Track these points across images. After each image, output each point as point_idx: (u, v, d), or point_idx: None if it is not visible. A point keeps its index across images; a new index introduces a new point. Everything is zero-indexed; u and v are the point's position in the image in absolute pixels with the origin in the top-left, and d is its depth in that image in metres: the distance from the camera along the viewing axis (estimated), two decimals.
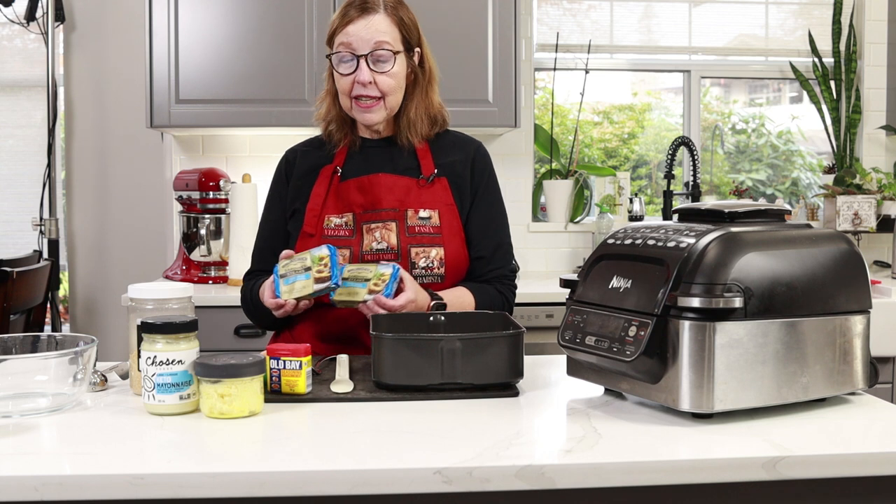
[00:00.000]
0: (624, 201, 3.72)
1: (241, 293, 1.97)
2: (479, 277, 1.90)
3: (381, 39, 1.80)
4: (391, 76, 1.82)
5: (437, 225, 1.85)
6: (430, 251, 1.83)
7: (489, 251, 1.90)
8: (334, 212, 1.87)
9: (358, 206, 1.86)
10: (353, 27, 1.81)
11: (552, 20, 3.80)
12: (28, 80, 3.79)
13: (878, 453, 1.20)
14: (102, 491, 1.08)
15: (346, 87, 1.83)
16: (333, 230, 1.86)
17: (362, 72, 1.80)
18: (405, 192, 1.87)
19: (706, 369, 1.28)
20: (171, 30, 3.16)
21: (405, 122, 1.88)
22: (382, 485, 1.11)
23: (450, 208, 1.88)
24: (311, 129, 3.48)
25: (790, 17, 3.94)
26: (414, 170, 1.90)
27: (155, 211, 3.69)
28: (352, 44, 1.81)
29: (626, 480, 1.14)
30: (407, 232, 1.83)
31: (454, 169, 1.91)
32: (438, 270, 1.83)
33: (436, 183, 1.89)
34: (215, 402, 1.33)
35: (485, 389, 1.47)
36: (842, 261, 1.39)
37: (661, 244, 1.37)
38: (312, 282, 1.66)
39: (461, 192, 1.90)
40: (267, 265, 1.92)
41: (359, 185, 1.87)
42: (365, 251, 1.82)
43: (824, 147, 4.02)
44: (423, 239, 1.83)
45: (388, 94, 1.83)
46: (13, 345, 1.49)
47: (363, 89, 1.81)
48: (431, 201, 1.87)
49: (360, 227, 1.85)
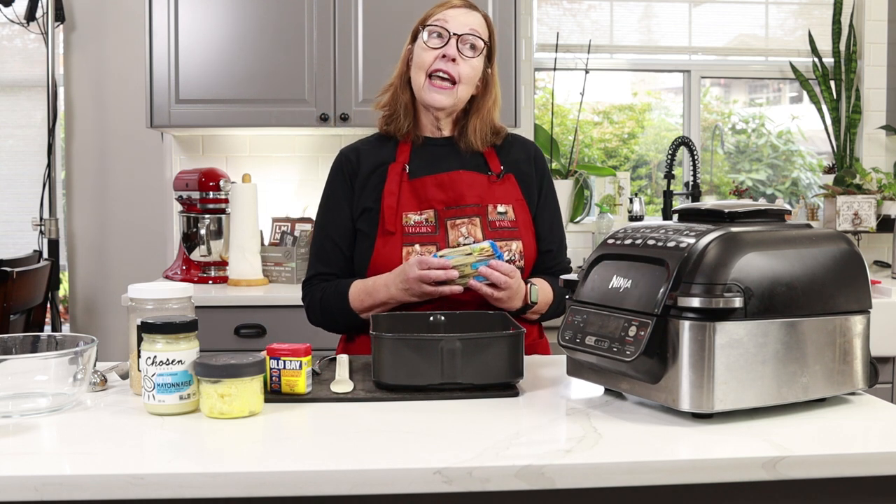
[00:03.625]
0: (624, 201, 3.72)
1: (308, 299, 1.94)
2: (547, 270, 1.96)
3: (476, 28, 1.90)
4: (471, 67, 1.89)
5: (514, 219, 1.91)
6: (511, 244, 1.88)
7: (556, 245, 1.99)
8: (411, 209, 1.88)
9: (439, 202, 1.89)
10: (453, 11, 1.90)
11: (552, 20, 3.80)
12: (28, 80, 3.79)
13: (878, 453, 1.20)
14: (102, 491, 1.08)
15: (429, 60, 1.87)
16: (414, 227, 1.87)
17: (450, 47, 1.87)
18: (483, 188, 1.91)
19: (706, 369, 1.28)
20: (171, 30, 3.16)
21: (470, 128, 1.94)
22: (382, 485, 1.11)
23: (520, 203, 1.94)
24: (311, 129, 3.44)
25: (790, 17, 3.94)
26: (482, 167, 1.95)
27: (155, 211, 3.69)
28: (448, 22, 1.89)
29: (626, 480, 1.14)
30: (490, 227, 1.88)
31: (519, 167, 1.98)
32: (519, 263, 1.88)
33: (505, 179, 1.95)
34: (215, 402, 1.33)
35: (485, 389, 1.47)
36: (842, 261, 1.39)
37: (661, 244, 1.37)
38: (475, 258, 1.73)
39: (528, 188, 1.97)
40: (332, 267, 1.93)
41: (438, 182, 1.90)
42: (453, 247, 1.85)
43: (824, 147, 4.02)
44: (503, 233, 1.88)
45: (462, 81, 1.88)
46: (13, 345, 1.49)
47: (444, 64, 1.86)
48: (505, 196, 1.93)
49: (444, 223, 1.87)
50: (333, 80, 3.19)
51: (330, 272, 1.93)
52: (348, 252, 1.92)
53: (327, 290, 1.90)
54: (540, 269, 1.95)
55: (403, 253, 1.83)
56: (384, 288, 1.80)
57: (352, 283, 1.87)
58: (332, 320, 1.92)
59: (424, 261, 1.73)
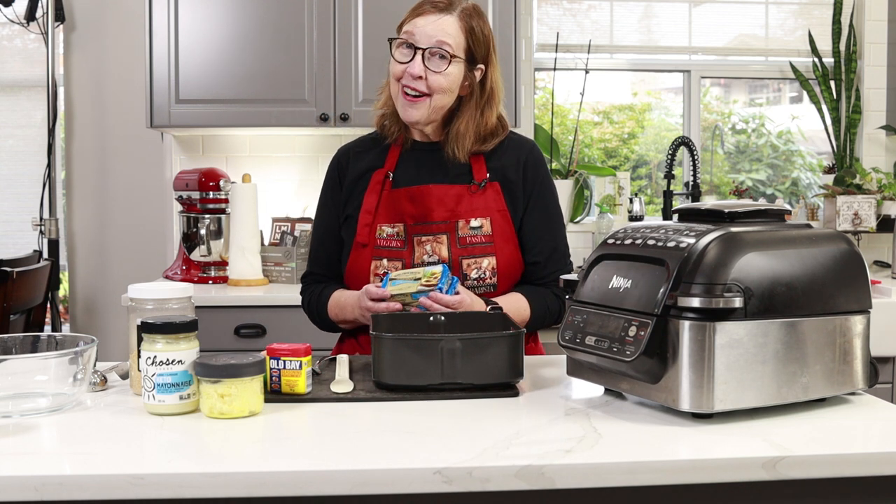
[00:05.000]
0: (624, 201, 3.72)
1: (302, 297, 2.00)
2: (536, 281, 1.90)
3: (443, 40, 1.80)
4: (443, 76, 1.81)
5: (489, 233, 1.85)
6: (482, 261, 1.83)
7: (544, 256, 1.90)
8: (385, 221, 1.88)
9: (409, 216, 1.86)
10: (421, 20, 1.82)
11: (552, 20, 3.80)
12: (28, 80, 3.79)
13: (878, 453, 1.20)
14: (102, 491, 1.08)
15: (398, 73, 1.84)
16: (385, 240, 1.86)
17: (415, 64, 1.80)
18: (456, 201, 1.86)
19: (706, 369, 1.28)
20: (171, 30, 3.16)
21: (453, 134, 1.87)
22: (382, 485, 1.11)
23: (502, 214, 1.87)
24: (311, 129, 3.44)
25: (790, 17, 3.94)
26: (465, 175, 1.89)
27: (155, 211, 3.69)
28: (414, 34, 1.81)
29: (626, 480, 1.14)
30: (458, 243, 1.84)
31: (506, 174, 1.89)
32: (491, 280, 1.83)
33: (487, 189, 1.88)
34: (215, 402, 1.33)
35: (485, 389, 1.47)
36: (842, 261, 1.39)
37: (661, 244, 1.36)
38: (417, 286, 1.72)
39: (514, 196, 1.89)
40: (323, 269, 1.98)
41: (410, 196, 1.86)
42: (416, 264, 1.84)
43: (824, 147, 4.02)
44: (474, 250, 1.84)
45: (435, 92, 1.81)
46: (13, 345, 1.49)
47: (411, 81, 1.81)
48: (483, 208, 1.87)
49: (412, 238, 1.85)
50: (333, 80, 3.19)
51: (320, 273, 1.99)
52: (337, 254, 1.96)
53: (313, 295, 1.96)
54: (528, 280, 1.91)
55: (372, 266, 1.86)
56: (350, 308, 1.85)
57: (332, 293, 1.92)
58: (319, 323, 1.99)
59: (369, 291, 1.75)
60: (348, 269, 1.90)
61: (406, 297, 1.73)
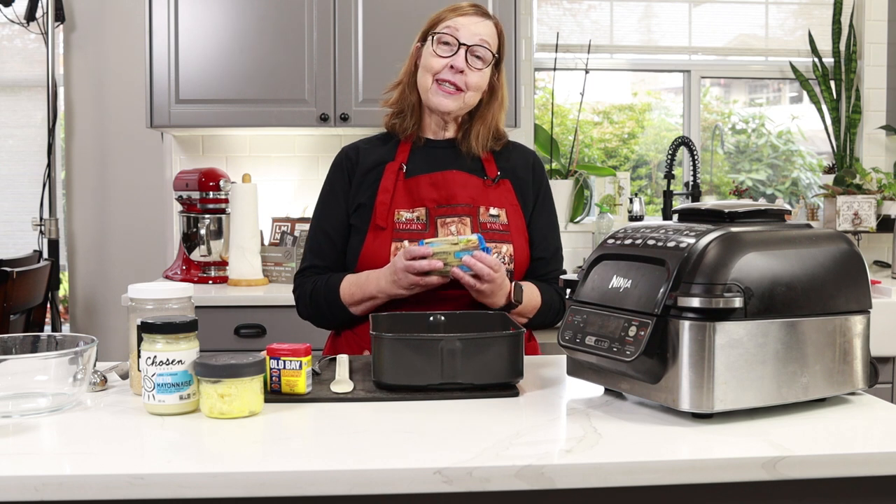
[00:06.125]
0: (624, 201, 3.72)
1: (299, 291, 1.94)
2: (539, 277, 1.95)
3: (486, 38, 1.89)
4: (480, 76, 1.89)
5: (506, 223, 1.91)
6: (502, 247, 1.87)
7: (549, 253, 1.97)
8: (404, 206, 1.89)
9: (431, 200, 1.89)
10: (464, 19, 1.89)
11: (552, 20, 3.80)
12: (28, 80, 3.79)
13: (878, 453, 1.20)
14: (102, 491, 1.08)
15: (437, 66, 1.87)
16: (405, 224, 1.88)
17: (458, 58, 1.86)
18: (476, 189, 1.92)
19: (706, 369, 1.28)
20: (171, 30, 3.16)
21: (475, 130, 1.94)
22: (382, 485, 1.11)
23: (515, 209, 1.94)
24: (311, 129, 3.44)
25: (790, 17, 3.94)
26: (479, 171, 1.95)
27: (155, 211, 3.69)
28: (459, 31, 1.87)
29: (626, 480, 1.14)
30: (480, 228, 1.88)
31: (516, 173, 1.98)
32: (509, 266, 1.87)
33: (500, 184, 1.95)
34: (215, 402, 1.33)
35: (485, 389, 1.47)
36: (842, 261, 1.39)
37: (661, 244, 1.37)
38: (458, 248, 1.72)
39: (523, 194, 1.97)
40: (325, 260, 1.94)
41: (431, 181, 1.90)
42: None
43: (824, 147, 4.02)
44: (494, 235, 1.88)
45: (470, 89, 1.88)
46: (13, 345, 1.49)
47: (451, 75, 1.86)
48: (499, 200, 1.93)
49: (434, 221, 1.88)
50: (333, 80, 3.19)
51: (323, 265, 1.94)
52: (342, 246, 1.93)
53: (318, 282, 1.90)
54: (532, 276, 1.95)
55: (392, 248, 1.84)
56: (374, 280, 1.81)
57: (343, 276, 1.89)
58: (320, 313, 1.92)
59: (409, 250, 1.73)
60: (364, 254, 1.87)
61: (448, 255, 1.72)
